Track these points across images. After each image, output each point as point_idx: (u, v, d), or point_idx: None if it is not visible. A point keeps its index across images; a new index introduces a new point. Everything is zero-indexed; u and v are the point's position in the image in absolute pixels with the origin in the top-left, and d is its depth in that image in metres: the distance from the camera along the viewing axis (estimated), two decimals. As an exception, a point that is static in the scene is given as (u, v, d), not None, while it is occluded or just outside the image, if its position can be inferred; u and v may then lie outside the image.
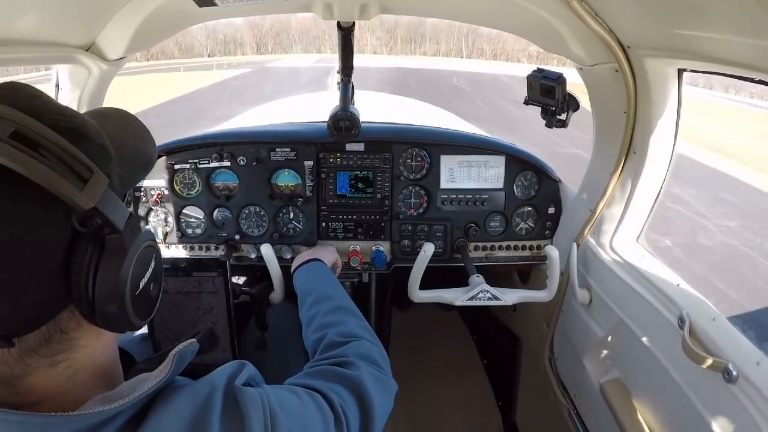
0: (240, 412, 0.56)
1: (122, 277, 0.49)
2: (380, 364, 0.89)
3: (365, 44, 44.43)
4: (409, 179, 1.75)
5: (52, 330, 0.48)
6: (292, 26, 45.62)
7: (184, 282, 1.33)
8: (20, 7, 0.89)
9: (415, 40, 46.04)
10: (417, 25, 43.75)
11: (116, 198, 0.49)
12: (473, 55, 43.07)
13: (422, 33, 45.58)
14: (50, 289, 0.46)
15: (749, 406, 0.88)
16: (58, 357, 0.49)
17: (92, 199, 0.45)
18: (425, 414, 2.28)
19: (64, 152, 0.44)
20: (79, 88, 1.33)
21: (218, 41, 42.58)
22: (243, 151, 1.68)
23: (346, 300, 1.12)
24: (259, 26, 45.97)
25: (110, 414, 0.48)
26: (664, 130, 1.24)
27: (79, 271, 0.46)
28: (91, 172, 0.45)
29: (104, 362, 0.56)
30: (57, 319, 0.48)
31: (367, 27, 44.09)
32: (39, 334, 0.47)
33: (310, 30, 43.99)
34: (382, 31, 46.24)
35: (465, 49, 43.13)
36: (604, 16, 1.07)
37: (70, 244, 0.46)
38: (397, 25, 44.61)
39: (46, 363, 0.49)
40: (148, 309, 0.56)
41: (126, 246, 0.49)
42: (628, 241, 1.43)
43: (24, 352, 0.47)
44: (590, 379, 1.46)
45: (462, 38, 43.58)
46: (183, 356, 0.57)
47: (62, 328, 0.49)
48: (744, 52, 0.81)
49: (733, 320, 1.02)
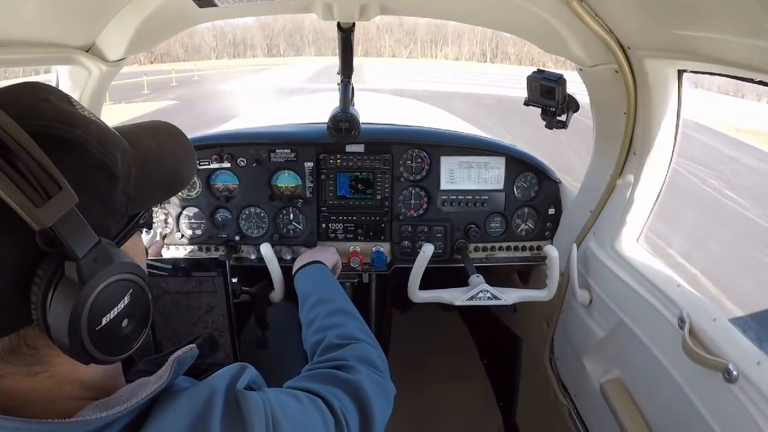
0: (241, 415, 0.56)
1: (76, 309, 0.44)
2: (379, 367, 0.89)
3: (383, 46, 42.84)
4: (409, 180, 1.75)
5: (16, 343, 0.47)
6: (305, 27, 43.18)
7: (184, 282, 1.33)
8: (20, 8, 0.89)
9: (437, 42, 44.74)
10: (439, 27, 42.19)
11: (83, 223, 0.44)
12: (497, 59, 41.92)
13: (444, 35, 44.09)
14: (9, 302, 0.44)
15: (749, 406, 0.88)
16: (33, 368, 0.48)
17: (49, 219, 0.41)
18: (425, 414, 2.27)
19: (33, 162, 0.40)
20: (79, 89, 1.33)
21: (227, 42, 40.99)
22: (243, 153, 1.68)
23: (346, 303, 1.11)
24: (270, 27, 43.86)
25: (107, 421, 0.47)
26: (664, 131, 1.24)
27: (37, 293, 0.44)
28: (59, 189, 0.42)
29: (93, 378, 0.54)
30: (22, 334, 0.47)
31: (385, 29, 42.45)
32: (3, 344, 0.46)
33: (326, 31, 41.27)
34: (402, 32, 44.46)
35: (489, 52, 42.16)
36: (604, 17, 1.07)
37: (33, 263, 0.44)
38: (417, 26, 42.94)
39: (20, 371, 0.48)
40: (119, 346, 0.51)
41: (83, 276, 0.45)
42: (628, 241, 1.43)
43: None
44: (590, 379, 1.46)
45: (486, 41, 42.34)
46: (182, 362, 0.56)
47: (29, 342, 0.47)
48: (744, 53, 0.81)
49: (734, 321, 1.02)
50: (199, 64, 27.51)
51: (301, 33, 44.29)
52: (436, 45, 44.83)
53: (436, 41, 44.45)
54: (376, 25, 10.20)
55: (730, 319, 1.02)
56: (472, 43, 43.21)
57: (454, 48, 43.86)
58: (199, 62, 28.61)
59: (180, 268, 1.32)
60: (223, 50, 39.82)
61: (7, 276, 0.43)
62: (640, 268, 1.30)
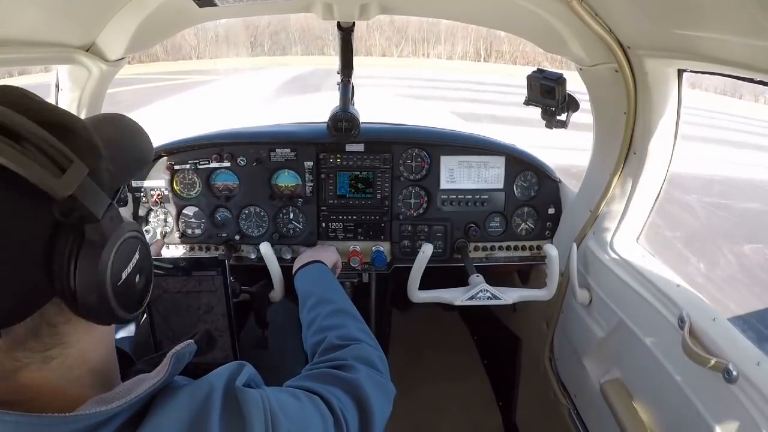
0: (241, 412, 0.56)
1: (101, 267, 0.49)
2: (379, 367, 0.89)
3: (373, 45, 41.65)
4: (409, 180, 1.75)
5: (39, 322, 0.48)
6: (290, 25, 42.34)
7: (183, 281, 1.33)
8: (20, 8, 0.89)
9: (429, 40, 43.72)
10: (432, 25, 41.16)
11: (97, 188, 0.49)
12: (491, 58, 40.99)
13: (437, 33, 43.02)
14: (32, 278, 0.46)
15: (749, 407, 0.88)
16: (50, 353, 0.49)
17: (69, 188, 0.45)
18: (425, 414, 2.27)
19: (44, 143, 0.44)
20: (79, 88, 1.33)
21: (208, 41, 39.98)
22: (243, 152, 1.68)
23: (346, 303, 1.11)
24: (254, 25, 42.91)
25: (107, 415, 0.48)
26: (664, 131, 1.24)
27: (60, 262, 0.47)
28: (71, 162, 0.46)
29: (99, 359, 0.56)
30: (44, 312, 0.48)
31: (375, 26, 41.34)
32: (26, 326, 0.47)
33: (312, 29, 39.96)
34: (392, 30, 43.25)
35: (483, 51, 41.24)
36: (604, 17, 1.07)
37: (51, 235, 0.47)
38: (408, 24, 41.70)
39: (37, 358, 0.49)
40: (135, 301, 0.56)
41: (105, 234, 0.49)
42: (628, 241, 1.43)
43: (12, 345, 0.47)
44: (590, 379, 1.46)
45: (480, 39, 41.29)
46: (180, 357, 0.57)
47: (50, 321, 0.49)
48: (744, 52, 0.81)
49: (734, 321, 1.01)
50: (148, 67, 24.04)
51: (286, 31, 43.00)
52: (429, 43, 43.96)
53: (429, 39, 43.57)
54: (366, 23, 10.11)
55: (729, 319, 1.02)
56: (466, 41, 42.46)
57: (447, 46, 43.08)
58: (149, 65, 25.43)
59: (180, 267, 1.32)
60: (205, 49, 38.86)
61: (31, 254, 0.46)
62: (639, 268, 1.29)
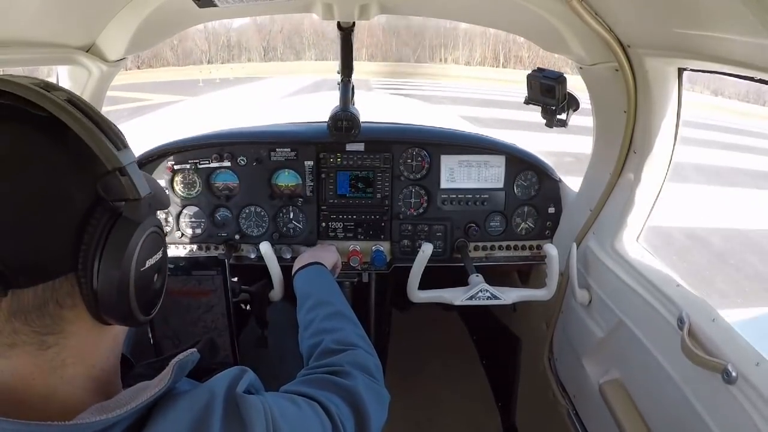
0: (242, 419, 0.56)
1: (131, 245, 0.51)
2: (375, 374, 0.89)
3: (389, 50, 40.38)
4: (409, 179, 1.75)
5: (48, 297, 0.48)
6: (304, 28, 41.19)
7: (183, 281, 1.33)
8: (20, 8, 0.89)
9: (446, 45, 42.78)
10: (449, 29, 40.19)
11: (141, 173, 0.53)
12: (510, 63, 40.42)
13: (454, 38, 41.98)
14: (59, 242, 0.47)
15: (748, 407, 0.88)
16: (47, 338, 0.49)
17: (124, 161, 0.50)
18: (424, 414, 2.27)
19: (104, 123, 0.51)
20: (79, 89, 1.33)
21: (219, 46, 39.50)
22: (243, 151, 1.69)
23: (344, 306, 1.11)
24: (267, 28, 41.92)
25: (107, 423, 0.47)
26: (664, 130, 1.23)
27: (93, 233, 0.49)
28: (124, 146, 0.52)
29: (97, 363, 0.55)
30: (55, 285, 0.48)
31: (392, 31, 40.40)
32: (35, 294, 0.47)
33: (327, 32, 38.74)
34: (409, 35, 41.94)
35: (502, 56, 40.61)
36: (604, 15, 1.07)
37: (89, 208, 0.49)
38: (425, 27, 40.67)
39: (34, 342, 0.48)
40: (148, 302, 0.56)
41: (141, 215, 0.52)
42: (628, 241, 1.42)
43: (15, 310, 0.46)
44: (590, 380, 1.46)
45: (499, 44, 40.44)
46: (183, 366, 0.56)
47: (58, 298, 0.48)
48: (744, 52, 0.81)
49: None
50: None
51: (300, 34, 42.23)
52: (446, 48, 43.24)
53: (446, 45, 42.79)
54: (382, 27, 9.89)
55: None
56: (485, 46, 41.81)
57: (464, 52, 42.39)
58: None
59: (179, 267, 1.33)
60: (216, 54, 38.57)
61: (67, 218, 0.48)
62: (639, 268, 1.29)
